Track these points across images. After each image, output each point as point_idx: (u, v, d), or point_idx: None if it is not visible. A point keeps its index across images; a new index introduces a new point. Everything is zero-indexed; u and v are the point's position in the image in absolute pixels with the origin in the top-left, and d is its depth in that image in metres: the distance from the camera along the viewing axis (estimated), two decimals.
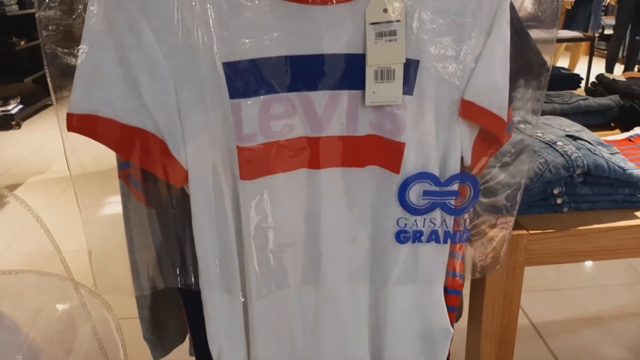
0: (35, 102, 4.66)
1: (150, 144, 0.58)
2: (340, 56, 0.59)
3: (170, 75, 0.56)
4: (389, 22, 0.58)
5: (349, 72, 0.60)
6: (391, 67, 0.60)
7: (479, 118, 0.63)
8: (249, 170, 0.60)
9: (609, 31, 5.17)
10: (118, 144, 0.59)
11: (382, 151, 0.63)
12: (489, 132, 0.64)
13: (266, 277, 0.64)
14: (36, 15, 0.55)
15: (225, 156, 0.60)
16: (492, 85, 0.62)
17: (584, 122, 1.32)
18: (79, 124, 0.57)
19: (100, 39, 0.55)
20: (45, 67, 0.58)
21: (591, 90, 1.50)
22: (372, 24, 0.58)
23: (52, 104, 0.58)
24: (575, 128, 1.07)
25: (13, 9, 4.33)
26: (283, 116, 0.60)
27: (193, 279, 0.65)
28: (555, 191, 0.89)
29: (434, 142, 0.63)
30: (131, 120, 0.57)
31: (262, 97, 0.59)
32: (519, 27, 0.62)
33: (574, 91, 1.58)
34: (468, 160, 0.65)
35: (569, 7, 4.52)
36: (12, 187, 3.11)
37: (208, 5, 0.55)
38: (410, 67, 0.60)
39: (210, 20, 0.55)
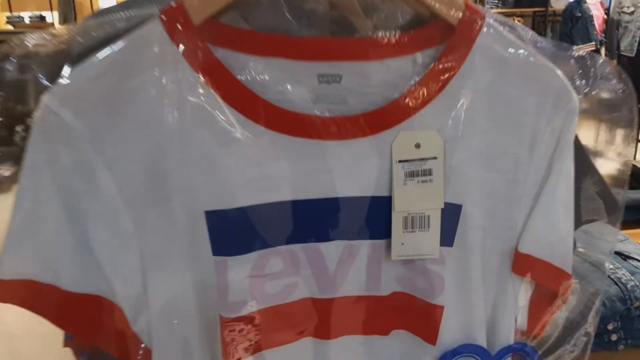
0: None
1: (104, 314, 0.44)
2: (359, 199, 0.45)
3: (134, 229, 0.42)
4: (422, 159, 0.45)
5: (371, 218, 0.46)
6: (425, 213, 0.46)
7: (538, 273, 0.49)
8: (234, 347, 0.45)
9: None
10: (60, 317, 0.44)
11: (412, 314, 0.49)
12: (550, 288, 0.50)
13: None
14: None
15: (203, 330, 0.46)
16: (554, 233, 0.48)
17: None
18: (11, 292, 0.42)
19: (41, 185, 0.41)
20: None
21: None
22: (400, 161, 0.45)
23: None
24: (617, 237, 0.93)
25: None
26: (282, 275, 0.46)
27: None
28: (610, 327, 0.75)
29: (480, 305, 0.49)
30: (79, 286, 0.43)
31: (255, 252, 0.44)
32: (585, 162, 0.49)
33: None
34: (524, 325, 0.51)
35: None
36: None
37: (188, 142, 0.41)
38: (450, 213, 0.46)
39: (191, 161, 0.42)
